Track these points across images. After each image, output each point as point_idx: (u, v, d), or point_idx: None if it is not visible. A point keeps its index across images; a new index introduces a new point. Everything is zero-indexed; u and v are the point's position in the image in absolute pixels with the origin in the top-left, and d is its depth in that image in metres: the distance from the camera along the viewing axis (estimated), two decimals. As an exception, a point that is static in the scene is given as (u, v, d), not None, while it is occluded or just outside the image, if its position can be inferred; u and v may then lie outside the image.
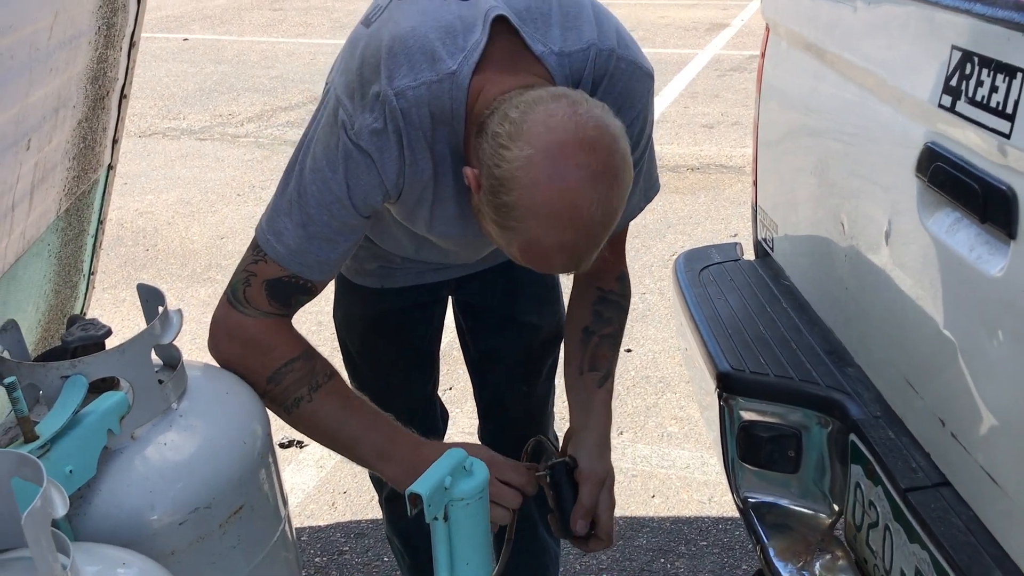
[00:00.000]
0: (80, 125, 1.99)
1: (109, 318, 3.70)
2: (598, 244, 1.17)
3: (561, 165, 1.10)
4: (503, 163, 1.12)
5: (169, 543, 1.26)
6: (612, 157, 1.12)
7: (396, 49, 1.23)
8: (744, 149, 5.48)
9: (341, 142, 1.25)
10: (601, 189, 1.11)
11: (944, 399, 1.29)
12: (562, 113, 1.11)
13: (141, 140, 6.11)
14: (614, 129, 1.13)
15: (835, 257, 1.64)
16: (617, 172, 1.13)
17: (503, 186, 1.13)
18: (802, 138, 1.87)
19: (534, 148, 1.10)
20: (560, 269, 1.21)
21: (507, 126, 1.13)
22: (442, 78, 1.21)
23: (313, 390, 1.37)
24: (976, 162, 1.15)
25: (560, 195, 1.10)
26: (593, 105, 1.14)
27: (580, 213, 1.11)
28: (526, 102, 1.14)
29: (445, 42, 1.22)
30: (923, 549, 1.24)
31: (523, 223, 1.13)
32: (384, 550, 2.50)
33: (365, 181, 1.26)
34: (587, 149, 1.10)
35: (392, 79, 1.22)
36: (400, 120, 1.22)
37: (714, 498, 2.66)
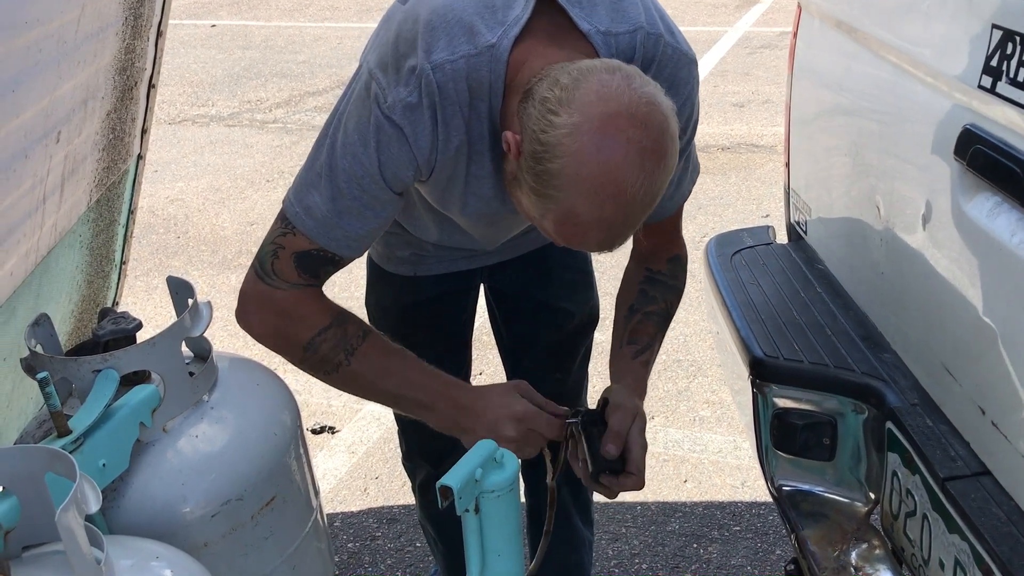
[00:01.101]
0: (109, 116, 2.00)
1: (142, 306, 3.73)
2: (635, 224, 1.15)
3: (611, 137, 1.07)
4: (550, 128, 1.09)
5: (202, 535, 1.26)
6: (663, 136, 1.09)
7: (435, 23, 1.21)
8: (775, 128, 5.41)
9: (373, 116, 1.23)
10: (648, 167, 1.08)
11: (984, 387, 1.26)
12: (616, 84, 1.09)
13: (171, 127, 6.15)
14: (666, 108, 1.10)
15: (870, 241, 1.61)
16: (666, 152, 1.10)
17: (548, 152, 1.10)
18: (836, 119, 1.83)
19: (584, 116, 1.07)
20: (594, 246, 1.18)
21: (557, 91, 1.10)
22: (480, 51, 1.19)
23: (350, 354, 1.36)
24: (1018, 144, 1.12)
25: (606, 168, 1.07)
26: (647, 81, 1.12)
27: (624, 189, 1.08)
28: (579, 69, 1.11)
29: (484, 16, 1.20)
30: (963, 540, 1.22)
31: (563, 192, 1.11)
32: (417, 535, 2.51)
33: (397, 156, 1.24)
34: (639, 124, 1.07)
35: (430, 53, 1.20)
36: (436, 94, 1.20)
37: (747, 483, 2.64)
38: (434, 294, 1.72)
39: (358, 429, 2.98)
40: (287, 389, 1.48)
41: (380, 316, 1.79)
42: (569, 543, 1.95)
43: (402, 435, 1.95)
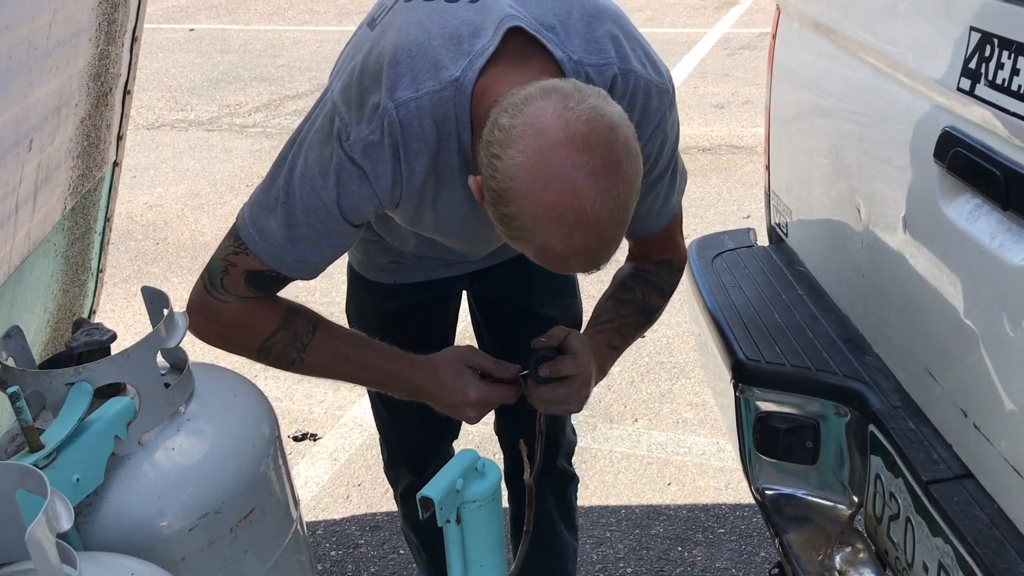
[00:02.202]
0: (83, 123, 1.97)
1: (120, 314, 3.70)
2: (614, 240, 1.13)
3: (555, 169, 1.05)
4: (497, 174, 1.08)
5: (179, 549, 1.24)
6: (611, 150, 1.07)
7: (399, 58, 1.20)
8: (755, 129, 5.42)
9: (335, 152, 1.23)
10: (602, 185, 1.06)
11: (966, 389, 1.26)
12: (551, 111, 1.06)
13: (149, 132, 6.10)
14: (610, 118, 1.08)
15: (851, 243, 1.61)
16: (618, 164, 1.07)
17: (501, 198, 1.09)
18: (815, 121, 1.83)
19: (525, 155, 1.06)
20: (578, 269, 1.17)
21: (497, 133, 1.08)
22: (444, 86, 1.18)
23: (302, 351, 1.39)
24: (997, 147, 1.12)
25: (560, 200, 1.06)
26: (587, 95, 1.09)
27: (585, 215, 1.06)
28: (515, 104, 1.09)
29: (450, 48, 1.19)
30: (946, 543, 1.21)
31: (529, 231, 1.10)
32: (400, 543, 2.49)
33: (356, 193, 1.24)
34: (581, 147, 1.05)
35: (394, 90, 1.19)
36: (399, 133, 1.19)
37: (731, 485, 2.63)
38: (414, 302, 1.70)
39: (340, 436, 2.96)
40: (265, 399, 1.47)
41: (360, 323, 1.78)
42: (552, 550, 1.94)
43: (384, 443, 1.94)
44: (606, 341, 1.47)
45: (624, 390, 3.09)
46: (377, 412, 1.87)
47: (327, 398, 3.15)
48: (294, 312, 1.39)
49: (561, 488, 1.94)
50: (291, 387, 3.19)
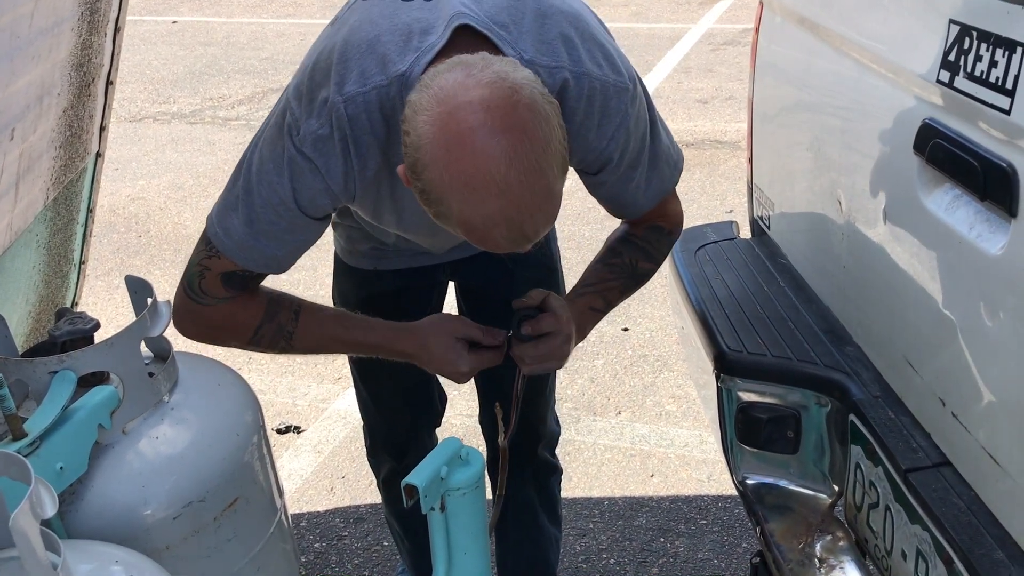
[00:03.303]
0: (65, 113, 1.96)
1: (103, 306, 3.68)
2: (537, 208, 1.08)
3: (455, 133, 1.03)
4: (408, 148, 1.08)
5: (163, 538, 1.25)
6: (514, 110, 1.03)
7: (348, 53, 1.21)
8: (739, 124, 5.45)
9: (287, 146, 1.23)
10: (505, 146, 1.02)
11: (945, 378, 1.27)
12: (453, 80, 1.05)
13: (131, 125, 6.06)
14: (515, 80, 1.05)
15: (832, 235, 1.63)
16: (523, 125, 1.04)
17: (414, 172, 1.08)
18: (798, 115, 1.84)
19: (428, 124, 1.05)
20: (506, 245, 1.12)
21: (407, 110, 1.08)
22: (391, 80, 1.18)
23: (289, 338, 1.40)
24: (976, 139, 1.13)
25: (463, 164, 1.03)
26: (492, 62, 1.07)
27: (491, 178, 1.03)
28: (424, 81, 1.09)
29: (399, 44, 1.19)
30: (924, 530, 1.23)
31: (443, 204, 1.08)
32: (384, 534, 2.49)
33: (310, 186, 1.24)
34: (480, 108, 1.03)
35: (342, 85, 1.19)
36: (347, 127, 1.20)
37: (713, 476, 2.65)
38: (396, 287, 1.71)
39: (324, 428, 2.96)
40: (249, 389, 1.47)
41: (345, 308, 1.78)
42: (535, 542, 1.95)
43: (367, 430, 1.94)
44: (587, 304, 1.48)
45: (607, 383, 3.10)
46: (361, 399, 1.88)
47: (311, 391, 3.14)
48: (275, 303, 1.39)
49: (544, 479, 1.94)
50: (274, 380, 3.18)
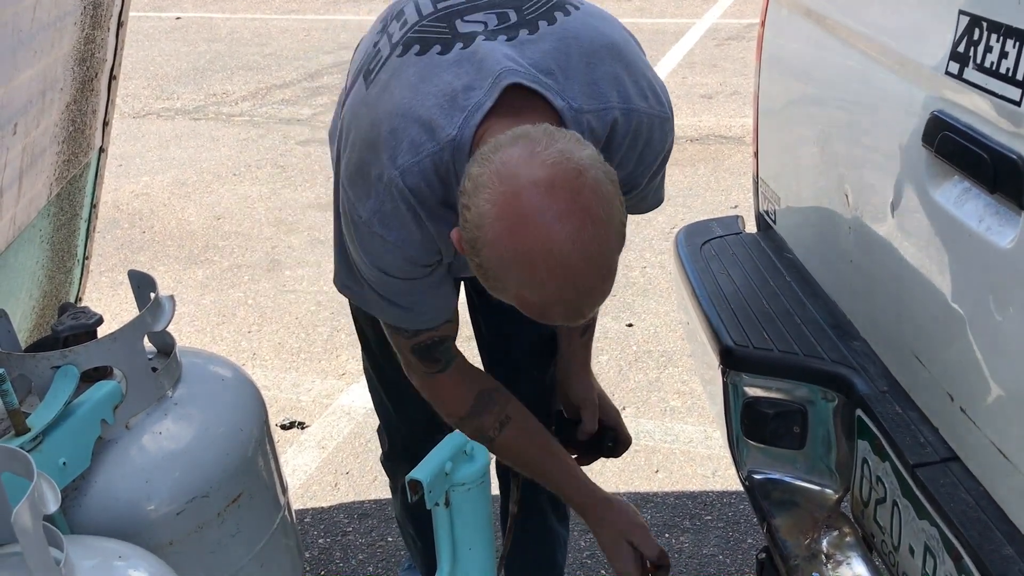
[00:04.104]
0: (69, 108, 1.96)
1: (107, 302, 3.68)
2: (595, 288, 1.08)
3: (520, 214, 1.02)
4: (467, 224, 1.07)
5: (167, 533, 1.24)
6: (579, 193, 1.03)
7: (396, 126, 1.19)
8: (744, 119, 5.43)
9: (360, 233, 1.25)
10: (570, 230, 1.02)
11: (953, 373, 1.26)
12: (517, 157, 1.04)
13: (135, 121, 6.06)
14: (580, 160, 1.04)
15: (839, 229, 1.61)
16: (588, 207, 1.03)
17: (472, 247, 1.07)
18: (804, 108, 1.83)
19: (491, 202, 1.03)
20: (562, 320, 1.13)
21: (467, 183, 1.07)
22: (443, 146, 1.17)
23: (489, 443, 1.45)
24: (985, 131, 1.12)
25: (526, 247, 1.02)
26: (556, 139, 1.06)
27: (553, 260, 1.02)
28: (484, 153, 1.07)
29: (444, 107, 1.18)
30: (932, 525, 1.22)
31: (501, 282, 1.07)
32: (388, 530, 2.49)
33: (402, 255, 1.25)
34: (545, 191, 1.02)
35: (395, 159, 1.19)
36: (410, 198, 1.20)
37: (718, 472, 2.64)
38: None
39: (328, 424, 2.95)
40: (253, 384, 1.46)
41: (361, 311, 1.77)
42: (544, 543, 1.94)
43: (385, 433, 1.92)
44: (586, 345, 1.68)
45: (612, 379, 3.09)
46: (380, 404, 1.86)
47: (315, 386, 3.14)
48: (482, 404, 1.43)
49: None
50: (279, 376, 3.18)
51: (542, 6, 1.27)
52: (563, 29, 1.24)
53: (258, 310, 3.63)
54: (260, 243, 4.26)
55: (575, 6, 1.29)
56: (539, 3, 1.27)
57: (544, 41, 1.22)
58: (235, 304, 3.67)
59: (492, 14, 1.25)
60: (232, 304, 3.67)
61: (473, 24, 1.24)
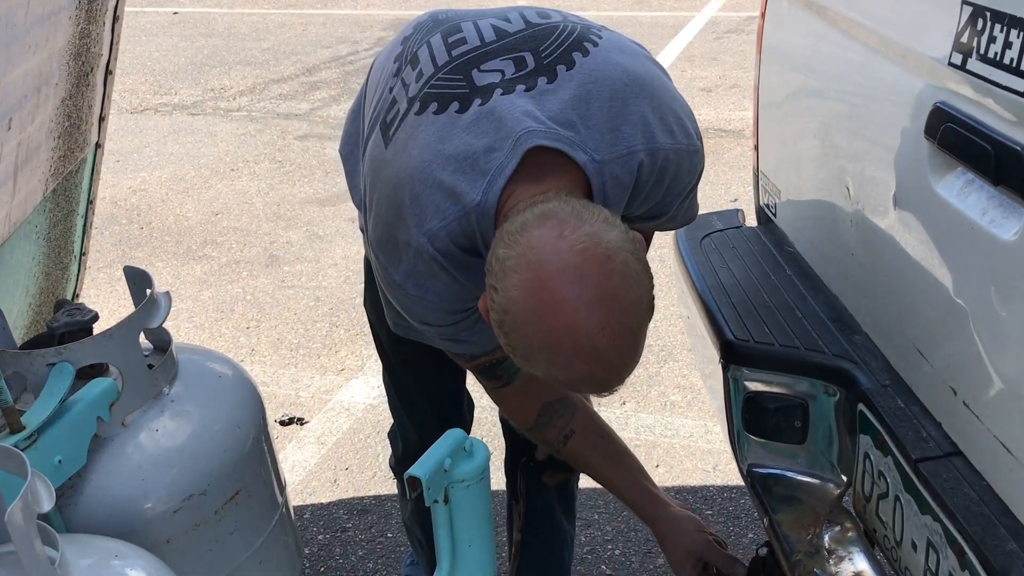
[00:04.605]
0: (64, 103, 1.95)
1: (105, 299, 3.66)
2: (623, 365, 1.09)
3: (547, 303, 1.02)
4: (495, 305, 1.07)
5: (164, 531, 1.23)
6: (607, 279, 1.02)
7: (418, 192, 1.19)
8: (743, 112, 5.41)
9: (398, 296, 1.26)
10: (598, 318, 1.02)
11: (956, 367, 1.25)
12: (545, 241, 1.03)
13: (132, 116, 6.04)
14: (608, 244, 1.04)
15: (840, 223, 1.60)
16: (615, 293, 1.03)
17: (500, 328, 1.07)
18: (805, 100, 1.82)
19: (519, 288, 1.03)
20: (591, 393, 1.18)
21: (494, 264, 1.07)
22: (468, 211, 1.16)
23: (557, 452, 1.50)
24: (989, 122, 1.11)
25: (554, 335, 1.03)
26: (585, 220, 1.05)
27: (582, 347, 1.03)
28: (511, 233, 1.07)
29: (465, 171, 1.16)
30: (935, 520, 1.21)
31: (530, 363, 1.08)
32: (387, 526, 2.48)
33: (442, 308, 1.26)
34: (574, 279, 1.01)
35: (422, 224, 1.18)
36: (441, 259, 1.20)
37: (718, 466, 2.63)
38: None
39: (327, 420, 2.94)
40: (251, 381, 1.45)
41: (376, 318, 1.76)
42: (551, 543, 1.94)
43: (401, 438, 1.89)
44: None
45: (612, 373, 3.08)
46: (394, 409, 1.85)
47: (314, 382, 3.13)
48: (545, 418, 1.43)
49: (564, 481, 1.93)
50: (277, 372, 3.17)
51: (560, 46, 1.23)
52: (582, 73, 1.21)
53: (256, 306, 3.62)
54: (258, 238, 4.24)
55: (594, 41, 1.25)
56: (557, 42, 1.24)
57: (563, 90, 1.19)
58: (233, 300, 3.66)
59: (509, 60, 1.22)
60: (230, 300, 3.66)
61: (490, 74, 1.21)
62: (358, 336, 3.39)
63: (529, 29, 1.26)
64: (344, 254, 4.02)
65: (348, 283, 3.77)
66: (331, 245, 4.13)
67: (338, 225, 4.32)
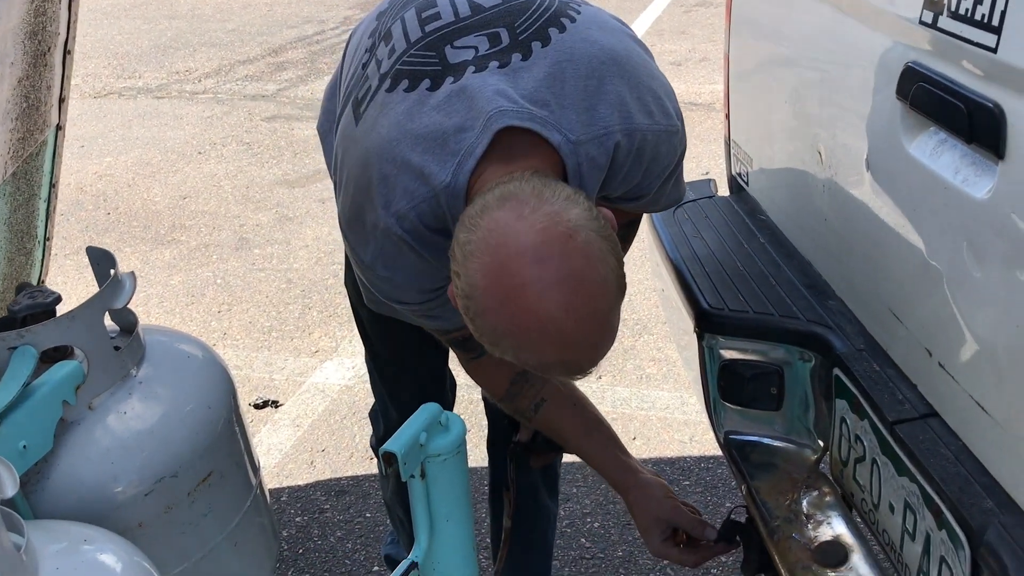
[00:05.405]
0: (21, 83, 1.90)
1: (73, 285, 3.61)
2: (594, 345, 1.06)
3: (509, 287, 0.99)
4: (458, 291, 1.04)
5: (135, 515, 1.21)
6: (569, 259, 1.00)
7: (385, 171, 1.16)
8: (713, 86, 5.41)
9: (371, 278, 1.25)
10: (562, 299, 0.99)
11: (930, 328, 1.25)
12: (504, 223, 1.00)
13: (96, 101, 5.94)
14: (570, 223, 1.01)
15: (813, 188, 1.60)
16: (579, 273, 1.00)
17: (466, 314, 1.05)
18: (775, 69, 1.81)
19: (480, 273, 1.01)
20: (565, 377, 1.16)
21: (456, 250, 1.04)
22: (437, 192, 1.14)
23: (527, 420, 1.50)
24: (961, 79, 1.10)
25: (518, 319, 1.00)
26: (546, 198, 1.02)
27: (547, 330, 1.00)
28: (472, 217, 1.04)
29: (435, 151, 1.13)
30: (912, 482, 1.21)
31: (498, 348, 1.05)
32: (366, 507, 2.47)
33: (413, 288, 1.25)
34: (534, 260, 0.99)
35: (389, 206, 1.16)
36: (409, 239, 1.17)
37: (695, 437, 2.64)
38: None
39: (302, 402, 2.92)
40: (221, 362, 1.43)
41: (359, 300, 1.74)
42: (534, 522, 1.93)
43: (380, 418, 1.87)
44: None
45: (588, 348, 3.08)
46: (376, 389, 1.83)
47: (288, 365, 3.10)
48: (517, 387, 1.42)
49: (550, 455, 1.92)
50: (250, 355, 3.14)
51: (536, 22, 1.20)
52: (557, 51, 1.18)
53: (227, 289, 3.58)
54: (228, 221, 4.19)
55: (572, 17, 1.22)
56: (533, 18, 1.21)
57: (537, 67, 1.16)
58: (204, 284, 3.62)
59: (483, 36, 1.19)
60: (201, 284, 3.62)
61: (464, 51, 1.18)
62: (331, 317, 3.36)
63: (505, 4, 1.22)
64: (315, 235, 3.98)
65: (320, 264, 3.73)
66: (301, 227, 4.08)
67: (308, 206, 4.28)
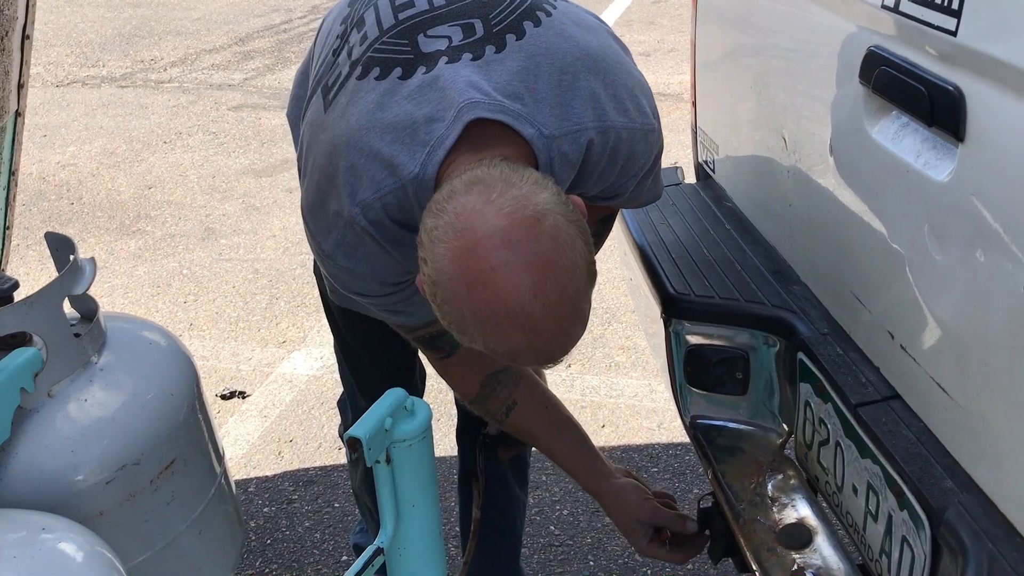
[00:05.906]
0: (-22, 68, 1.86)
1: (36, 276, 3.56)
2: (563, 332, 1.04)
3: (475, 271, 0.98)
4: (426, 278, 1.03)
5: (97, 504, 1.20)
6: (536, 243, 0.98)
7: (353, 159, 1.14)
8: (681, 76, 5.42)
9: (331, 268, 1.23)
10: (530, 284, 0.98)
11: (893, 312, 1.26)
12: (471, 207, 0.99)
13: (59, 90, 5.85)
14: (537, 207, 1.00)
15: (778, 175, 1.61)
16: (547, 257, 0.99)
17: (434, 301, 1.03)
18: (741, 56, 1.81)
19: (447, 258, 0.99)
20: (535, 365, 1.13)
21: (423, 236, 1.03)
22: (405, 184, 1.12)
23: (499, 422, 1.48)
24: (922, 63, 1.11)
25: (485, 304, 0.98)
26: (513, 183, 1.01)
27: (515, 316, 0.99)
28: (439, 202, 1.02)
29: (404, 142, 1.12)
30: (875, 463, 1.23)
31: (466, 335, 1.03)
32: (334, 496, 2.46)
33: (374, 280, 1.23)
34: (500, 244, 0.97)
35: (354, 195, 1.14)
36: (373, 231, 1.15)
37: (663, 424, 2.66)
38: None
39: (269, 393, 2.90)
40: (183, 348, 1.41)
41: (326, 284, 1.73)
42: (504, 511, 1.93)
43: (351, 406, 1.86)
44: None
45: (557, 336, 3.09)
46: (345, 379, 1.83)
47: (255, 355, 3.08)
48: (488, 389, 1.41)
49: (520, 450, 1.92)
50: (217, 345, 3.11)
51: (511, 14, 1.19)
52: (532, 44, 1.16)
53: (194, 280, 3.54)
54: (194, 211, 4.15)
55: (547, 11, 1.21)
56: (508, 10, 1.19)
57: (511, 60, 1.15)
58: (170, 275, 3.58)
59: (457, 26, 1.17)
60: (167, 275, 3.58)
61: (437, 40, 1.16)
62: (299, 308, 3.34)
63: None
64: (282, 225, 3.95)
65: (287, 255, 3.71)
66: (268, 217, 4.05)
67: (275, 196, 4.25)
